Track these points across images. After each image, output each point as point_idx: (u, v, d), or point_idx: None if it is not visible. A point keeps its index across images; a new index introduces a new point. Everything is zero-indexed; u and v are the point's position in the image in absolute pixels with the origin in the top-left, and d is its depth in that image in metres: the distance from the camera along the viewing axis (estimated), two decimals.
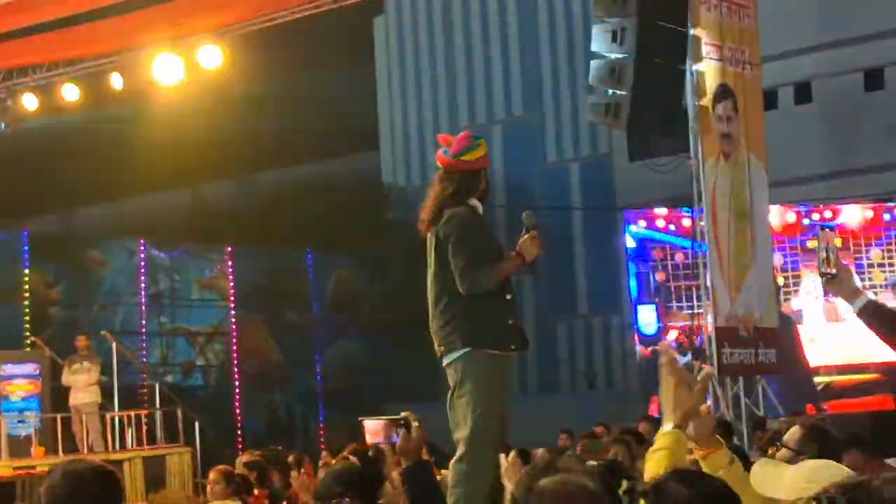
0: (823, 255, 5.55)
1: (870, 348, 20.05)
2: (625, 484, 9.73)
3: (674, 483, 3.21)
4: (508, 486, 6.83)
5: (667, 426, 3.77)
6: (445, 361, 7.12)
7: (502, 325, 7.14)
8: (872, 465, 9.27)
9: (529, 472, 3.01)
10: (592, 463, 9.65)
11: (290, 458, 16.84)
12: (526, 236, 7.16)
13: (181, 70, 20.07)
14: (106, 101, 21.83)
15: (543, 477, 2.92)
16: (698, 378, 3.90)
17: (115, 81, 20.80)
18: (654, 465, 3.71)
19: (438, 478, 7.62)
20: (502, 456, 7.99)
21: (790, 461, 4.68)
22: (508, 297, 7.20)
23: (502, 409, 7.11)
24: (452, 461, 7.10)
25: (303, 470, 14.96)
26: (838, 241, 20.27)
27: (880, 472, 1.57)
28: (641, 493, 3.16)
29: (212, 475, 11.39)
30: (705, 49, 16.14)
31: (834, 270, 5.54)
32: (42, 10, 17.74)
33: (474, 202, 7.27)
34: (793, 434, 6.57)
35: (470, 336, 7.04)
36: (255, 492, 11.66)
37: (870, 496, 1.44)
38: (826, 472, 3.43)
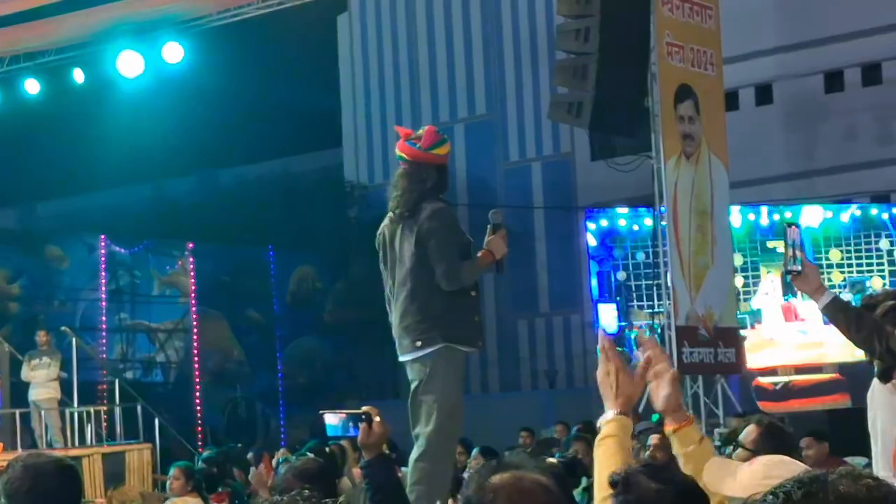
0: (790, 251, 5.57)
1: (827, 348, 20.22)
2: (584, 481, 9.80)
3: (644, 477, 3.21)
4: None
5: (609, 413, 3.76)
6: (412, 356, 7.08)
7: (471, 322, 7.17)
8: (831, 462, 9.37)
9: (482, 469, 2.98)
10: (553, 460, 9.69)
11: (250, 456, 16.87)
12: (496, 234, 7.18)
13: (143, 66, 20.02)
14: (68, 96, 21.76)
15: (496, 474, 2.85)
16: (639, 366, 3.91)
17: (78, 76, 20.73)
18: (603, 451, 3.72)
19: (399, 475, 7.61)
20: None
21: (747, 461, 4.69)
22: (473, 294, 7.20)
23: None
24: (413, 457, 7.10)
25: (262, 465, 14.93)
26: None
27: (837, 466, 1.60)
28: (611, 484, 3.15)
29: (173, 472, 11.41)
30: (668, 49, 16.24)
31: (800, 267, 5.56)
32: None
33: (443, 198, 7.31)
34: (749, 434, 6.58)
35: (447, 332, 7.04)
36: (218, 490, 11.68)
37: (825, 490, 1.47)
38: (781, 467, 3.46)
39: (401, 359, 7.16)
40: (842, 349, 18.79)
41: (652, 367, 3.83)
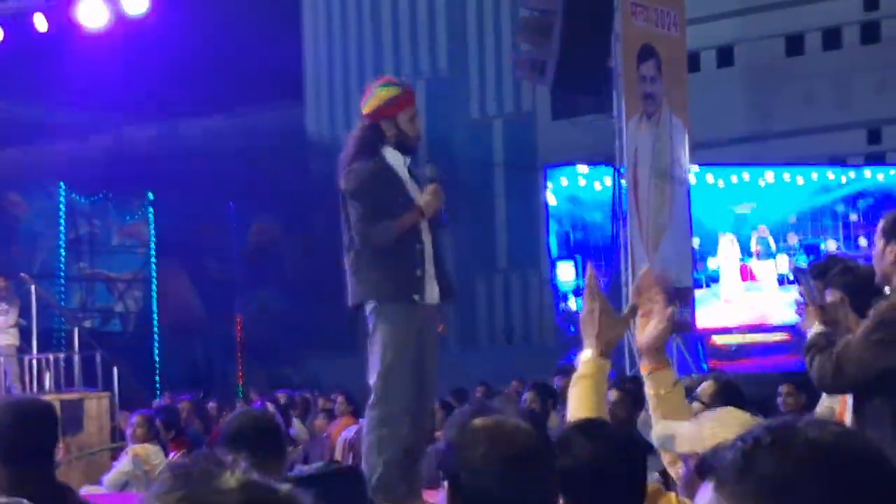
0: (809, 297, 5.62)
1: (780, 309, 20.41)
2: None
3: (578, 436, 3.26)
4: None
5: (588, 352, 3.78)
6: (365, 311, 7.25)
7: (407, 277, 7.16)
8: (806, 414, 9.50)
9: (463, 411, 3.03)
10: None
11: (212, 405, 16.95)
12: (427, 189, 7.22)
13: (107, 15, 19.86)
14: (29, 43, 21.56)
15: (477, 417, 2.88)
16: (625, 310, 3.94)
17: (40, 23, 20.55)
18: (577, 391, 3.75)
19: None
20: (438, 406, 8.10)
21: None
22: (419, 246, 7.22)
23: (419, 359, 7.19)
24: (367, 406, 7.27)
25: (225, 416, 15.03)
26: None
27: (803, 415, 1.63)
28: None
29: (132, 418, 11.48)
30: (632, 9, 16.27)
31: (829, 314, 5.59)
32: None
33: (389, 152, 7.26)
34: (706, 389, 6.69)
35: (373, 290, 7.14)
36: (172, 434, 11.74)
37: (794, 436, 1.52)
38: (732, 417, 3.54)
39: None
40: (787, 310, 18.98)
41: (650, 300, 3.84)
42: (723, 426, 3.32)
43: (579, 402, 3.68)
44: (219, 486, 1.42)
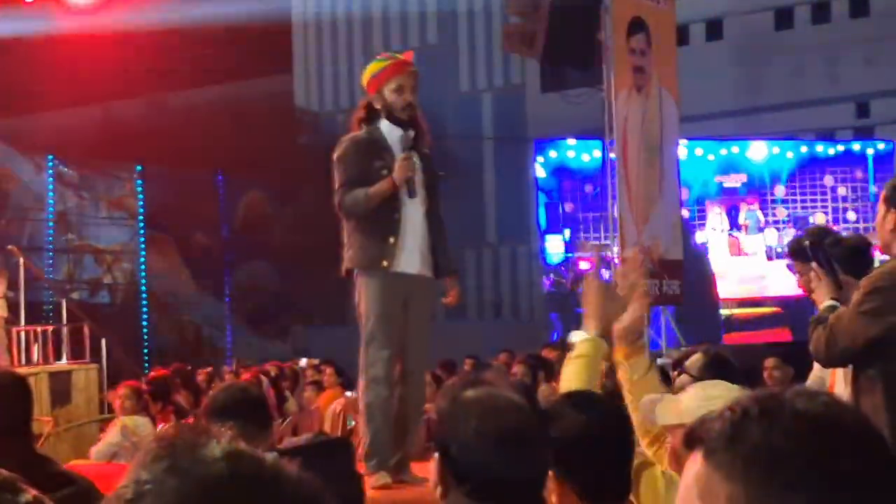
0: (825, 270, 5.61)
1: (769, 282, 20.48)
2: None
3: (568, 408, 3.27)
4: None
5: (587, 332, 3.82)
6: None
7: (379, 245, 7.22)
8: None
9: (455, 383, 3.01)
10: None
11: (201, 377, 16.95)
12: (398, 158, 7.26)
13: None
14: (17, 14, 21.54)
15: (469, 389, 2.88)
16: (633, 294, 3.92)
17: None
18: (572, 369, 3.75)
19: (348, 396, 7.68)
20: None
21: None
22: (395, 216, 7.26)
23: (403, 328, 7.26)
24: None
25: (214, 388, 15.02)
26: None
27: (791, 386, 1.63)
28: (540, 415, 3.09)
29: (121, 390, 11.47)
30: None
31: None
32: None
33: (384, 124, 7.34)
34: (694, 361, 6.69)
35: (353, 258, 7.29)
36: (160, 406, 11.74)
37: (783, 406, 1.53)
38: (720, 389, 3.54)
39: None
40: (783, 283, 19.04)
41: (630, 282, 3.84)
42: (709, 399, 3.33)
43: (572, 381, 3.69)
44: (203, 455, 1.42)
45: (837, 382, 5.99)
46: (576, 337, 3.83)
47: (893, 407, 4.98)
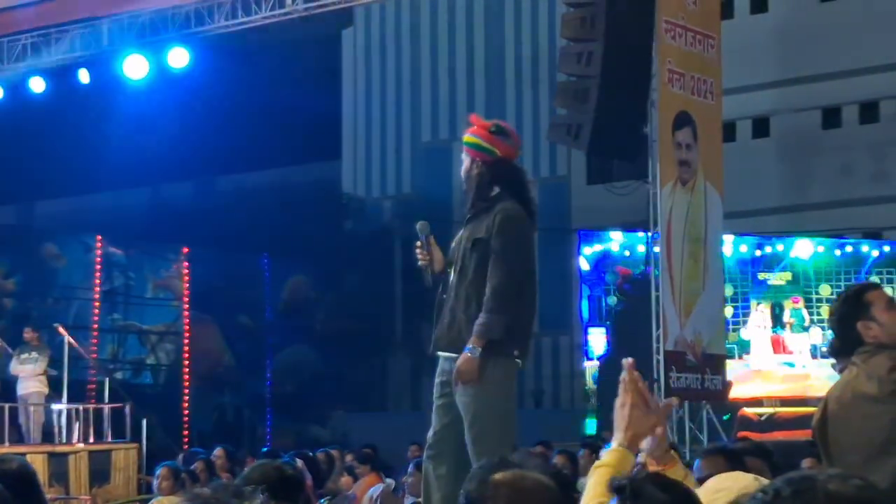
0: None
1: (813, 381, 20.30)
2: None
3: (652, 486, 3.24)
4: None
5: (615, 443, 3.82)
6: None
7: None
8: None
9: (483, 466, 3.00)
10: None
11: (248, 459, 16.92)
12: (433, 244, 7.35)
13: (148, 69, 20.15)
14: (72, 96, 21.85)
15: (498, 471, 2.88)
16: (661, 405, 3.90)
17: (83, 76, 20.84)
18: (597, 479, 3.74)
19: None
20: None
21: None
22: (442, 297, 7.36)
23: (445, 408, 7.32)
24: None
25: None
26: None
27: (822, 468, 1.62)
28: (617, 489, 3.07)
29: (160, 471, 11.51)
30: (669, 76, 16.35)
31: None
32: None
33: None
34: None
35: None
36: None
37: (815, 488, 1.53)
38: (732, 479, 3.53)
39: None
40: (827, 383, 18.86)
41: (637, 392, 3.81)
42: (718, 491, 3.32)
43: (594, 488, 3.66)
44: None
45: None
46: (605, 449, 3.79)
47: None
